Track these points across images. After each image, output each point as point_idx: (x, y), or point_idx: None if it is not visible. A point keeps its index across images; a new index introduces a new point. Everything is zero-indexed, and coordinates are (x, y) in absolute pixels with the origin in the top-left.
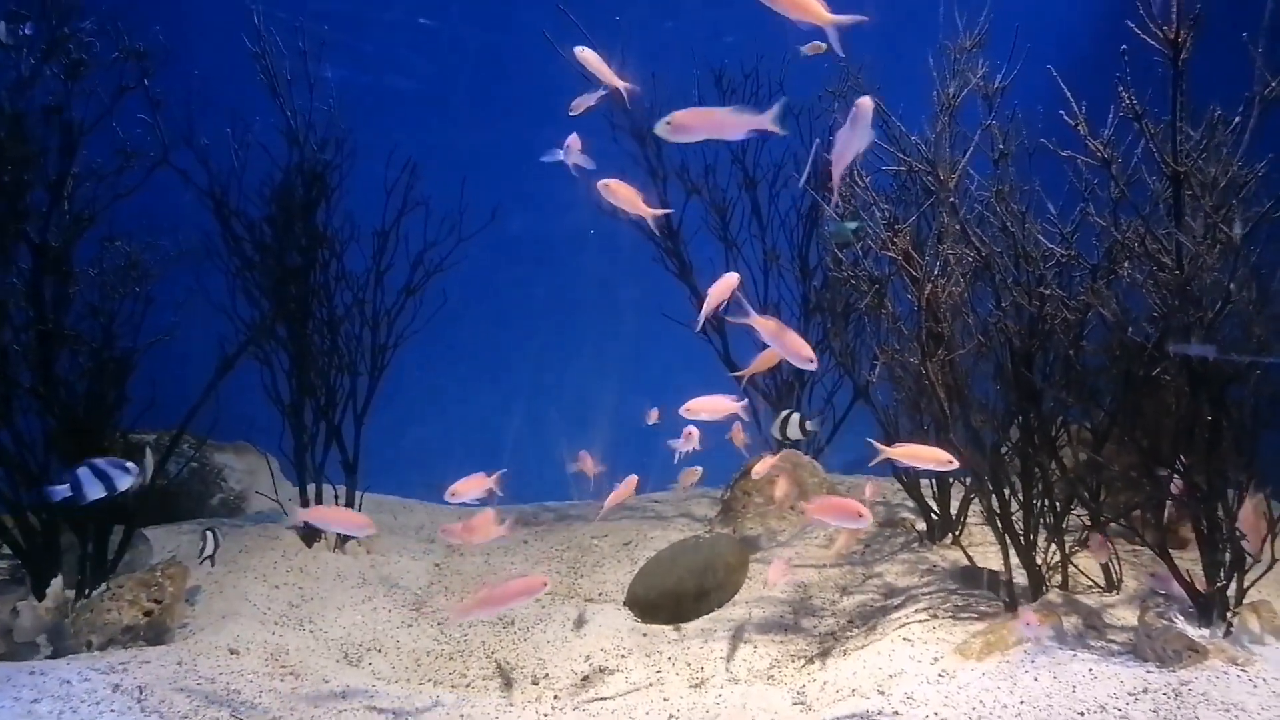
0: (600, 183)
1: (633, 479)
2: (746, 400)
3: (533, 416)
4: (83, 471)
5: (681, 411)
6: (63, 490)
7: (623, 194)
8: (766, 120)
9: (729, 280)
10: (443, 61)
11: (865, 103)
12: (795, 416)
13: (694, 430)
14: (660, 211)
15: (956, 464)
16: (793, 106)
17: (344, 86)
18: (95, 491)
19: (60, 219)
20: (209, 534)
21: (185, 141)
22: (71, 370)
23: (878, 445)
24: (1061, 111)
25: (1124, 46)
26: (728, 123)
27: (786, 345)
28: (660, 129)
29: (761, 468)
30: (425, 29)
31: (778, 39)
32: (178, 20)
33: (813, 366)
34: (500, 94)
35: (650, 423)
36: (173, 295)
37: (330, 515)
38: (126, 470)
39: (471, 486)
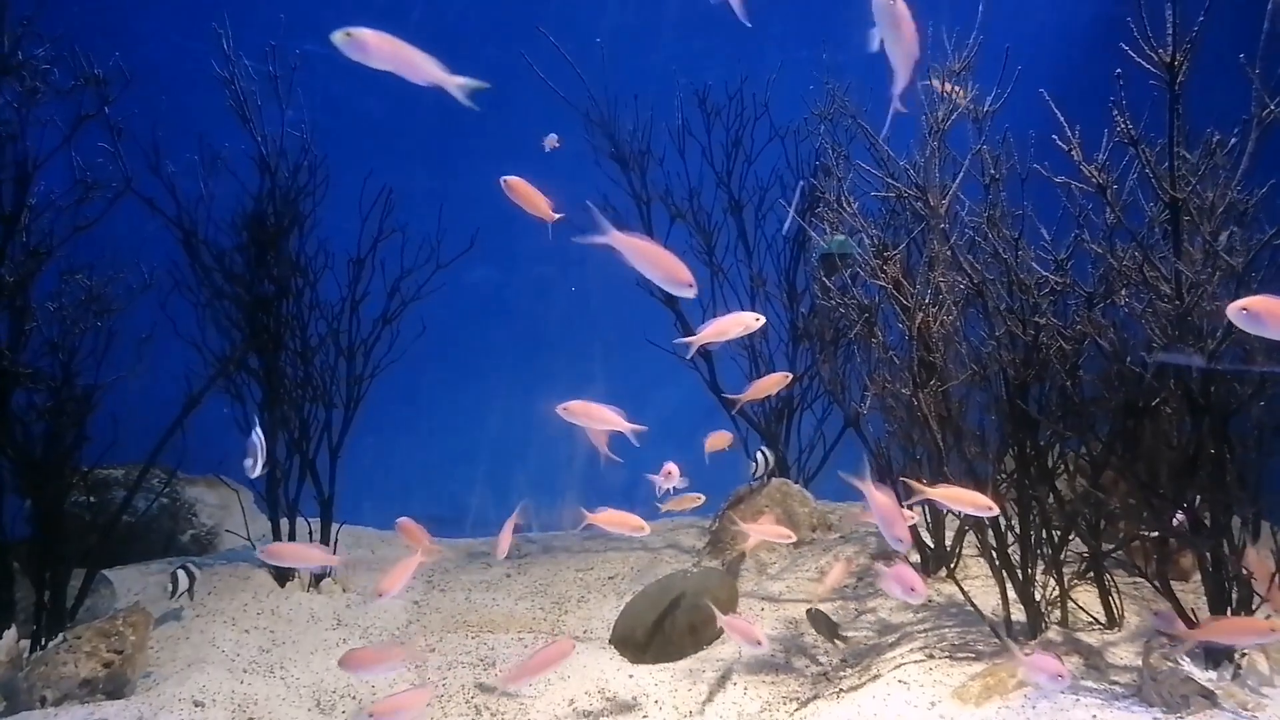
0: (501, 179)
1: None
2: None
3: (517, 444)
4: None
5: (560, 410)
6: None
7: (522, 192)
8: (453, 83)
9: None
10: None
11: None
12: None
13: (673, 467)
14: (558, 216)
15: (996, 509)
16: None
17: (316, 112)
18: None
19: (15, 252)
20: (180, 573)
21: (151, 169)
22: (29, 409)
23: (916, 485)
24: (1054, 136)
25: (1118, 70)
26: (414, 64)
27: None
28: (338, 37)
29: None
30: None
31: (761, 62)
32: (140, 45)
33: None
34: (472, 126)
35: (665, 485)
36: (138, 329)
37: (289, 552)
38: None
39: (397, 579)
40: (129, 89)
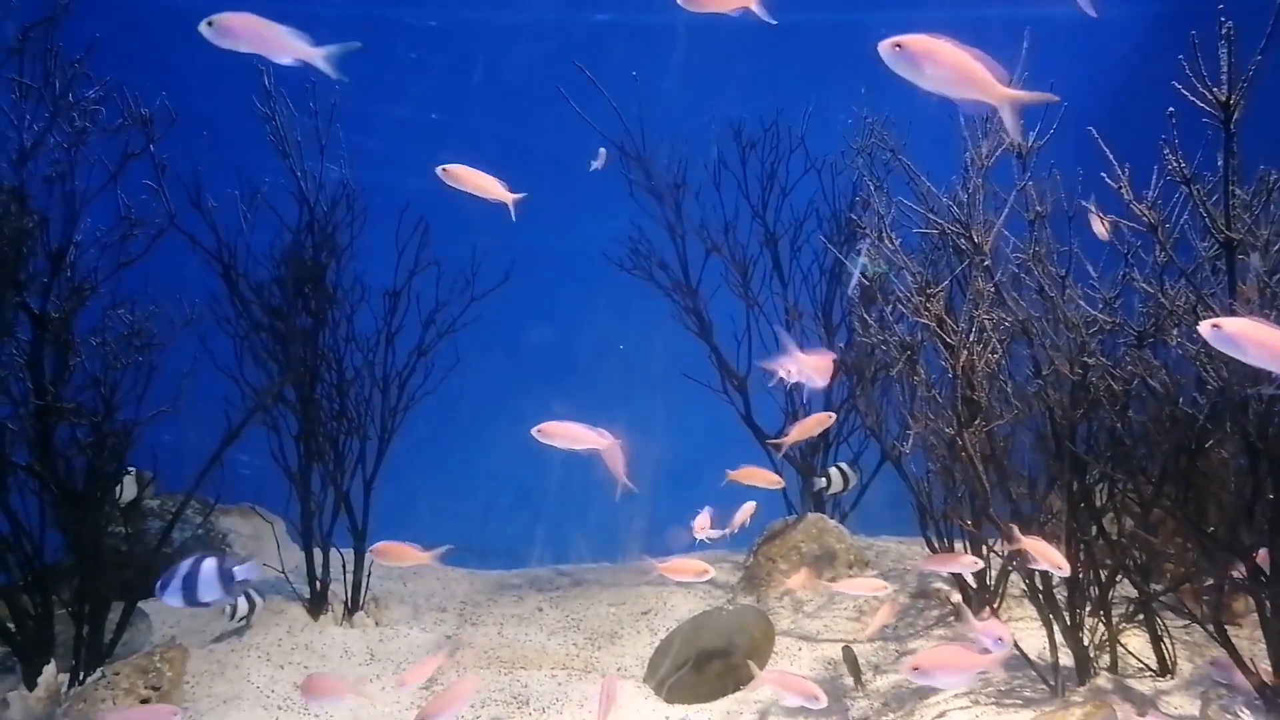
0: (439, 169)
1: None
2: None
3: (549, 476)
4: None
5: (534, 433)
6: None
7: (466, 177)
8: (318, 54)
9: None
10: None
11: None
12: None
13: (708, 517)
14: (518, 196)
15: (1067, 569)
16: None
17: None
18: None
19: (61, 289)
20: (240, 599)
21: (193, 204)
22: (70, 443)
23: (1010, 528)
24: (1104, 174)
25: (1170, 109)
26: (278, 42)
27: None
28: (203, 28)
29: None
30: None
31: (797, 94)
32: (182, 81)
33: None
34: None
35: (701, 534)
36: (178, 363)
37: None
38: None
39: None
40: (173, 127)
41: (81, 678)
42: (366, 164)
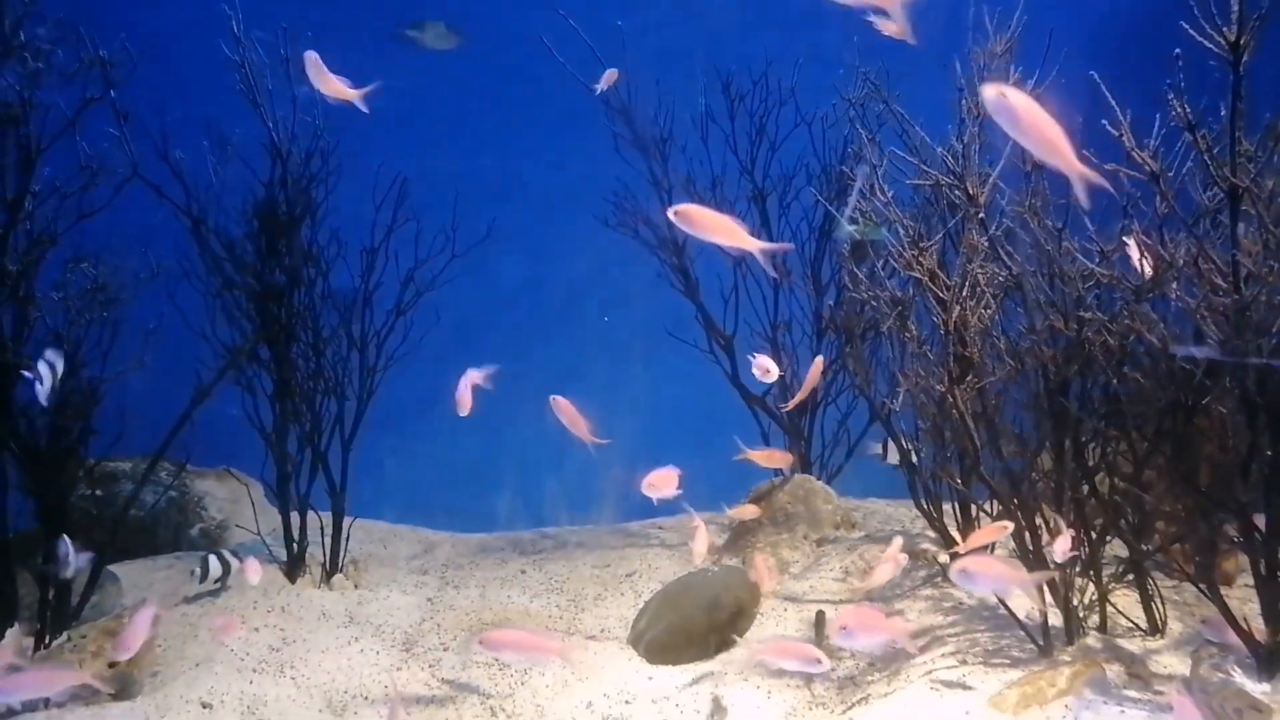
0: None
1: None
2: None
3: (534, 438)
4: None
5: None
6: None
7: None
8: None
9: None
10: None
11: None
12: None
13: (669, 475)
14: (367, 90)
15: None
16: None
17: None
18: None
19: (19, 240)
20: (211, 558)
21: (160, 156)
22: (33, 402)
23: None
24: (1105, 121)
25: (1176, 50)
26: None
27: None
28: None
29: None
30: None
31: (787, 46)
32: (147, 27)
33: None
34: (492, 109)
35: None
36: (146, 319)
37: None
38: None
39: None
40: (135, 72)
41: (48, 641)
42: (342, 115)
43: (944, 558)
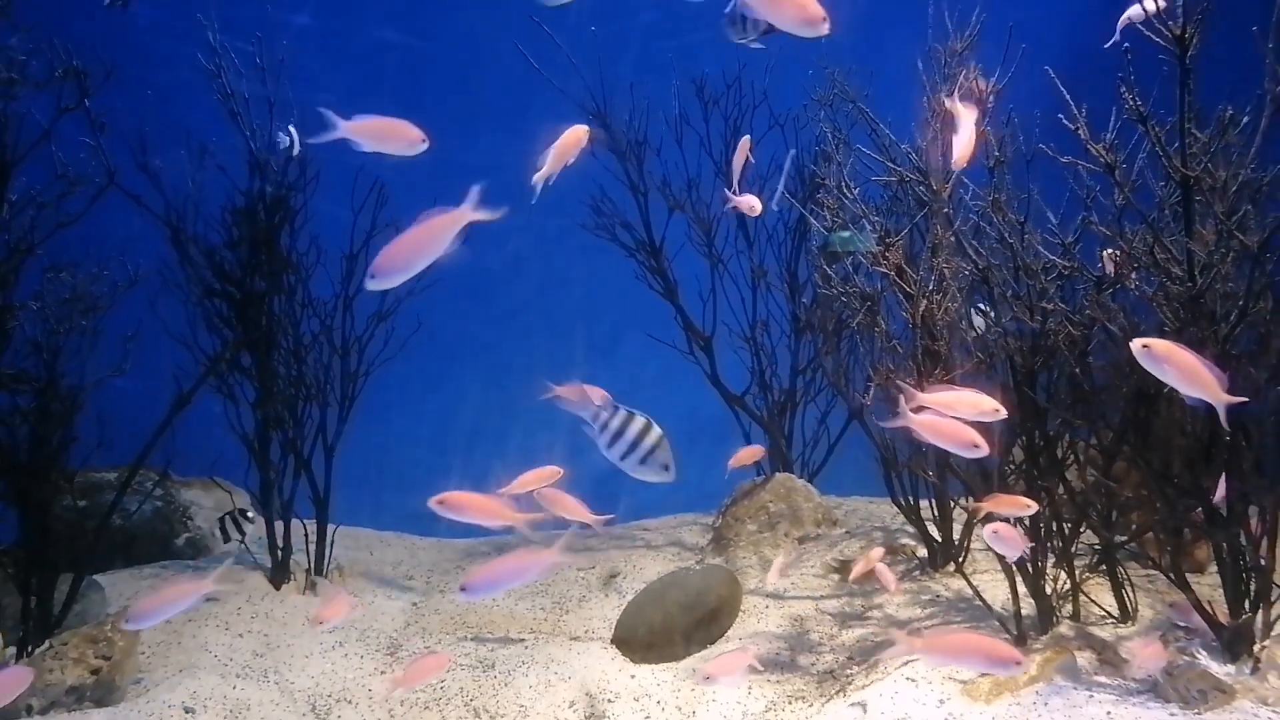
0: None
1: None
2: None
3: (517, 439)
4: None
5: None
6: None
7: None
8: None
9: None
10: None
11: None
12: None
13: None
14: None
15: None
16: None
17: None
18: None
19: None
20: (227, 518)
21: (140, 166)
22: (13, 411)
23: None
24: (1060, 115)
25: (1125, 45)
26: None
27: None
28: None
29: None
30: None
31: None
32: (122, 35)
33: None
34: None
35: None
36: (126, 327)
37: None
38: None
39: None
40: (111, 81)
41: (30, 650)
42: (320, 123)
43: (922, 552)
